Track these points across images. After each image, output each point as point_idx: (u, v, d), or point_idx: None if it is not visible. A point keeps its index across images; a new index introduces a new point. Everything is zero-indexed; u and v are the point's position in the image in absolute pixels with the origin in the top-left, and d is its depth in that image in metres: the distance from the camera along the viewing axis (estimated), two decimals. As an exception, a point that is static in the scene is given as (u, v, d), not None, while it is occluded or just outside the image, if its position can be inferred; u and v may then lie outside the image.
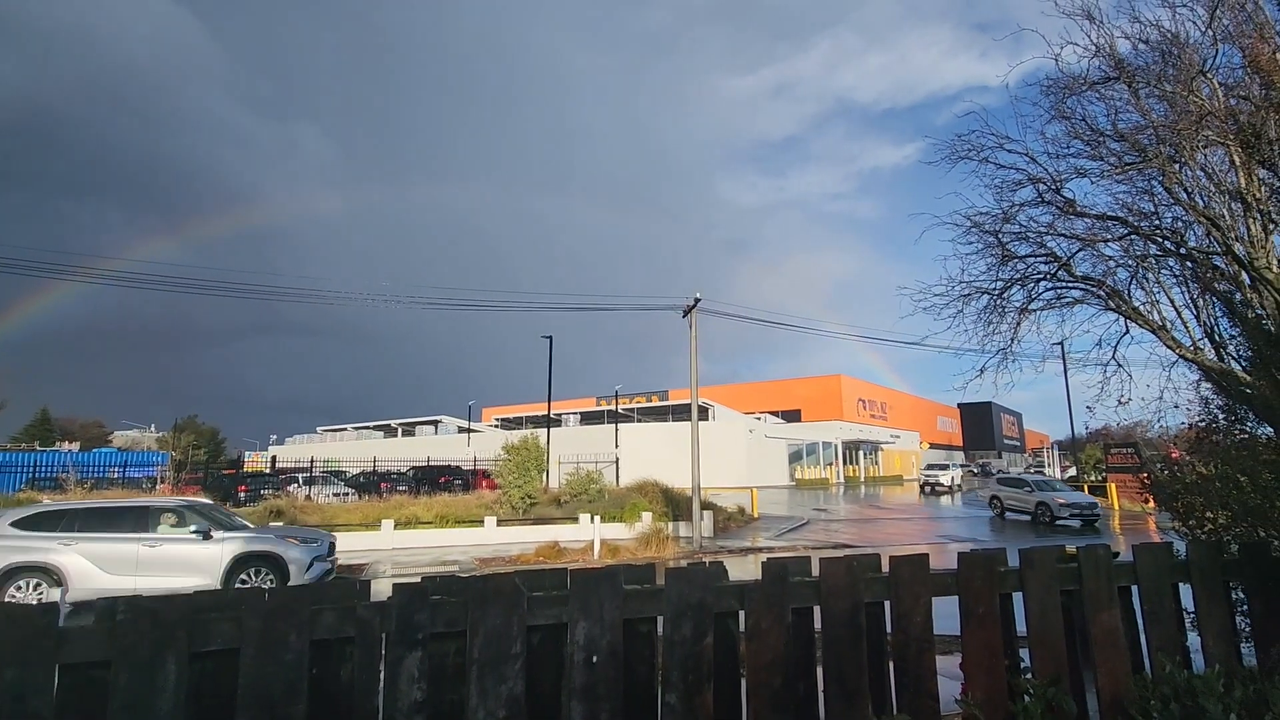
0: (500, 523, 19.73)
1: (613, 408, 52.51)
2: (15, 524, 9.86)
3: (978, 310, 6.74)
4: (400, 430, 68.14)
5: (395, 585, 2.47)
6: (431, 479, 30.12)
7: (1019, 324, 6.66)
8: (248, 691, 2.35)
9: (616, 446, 43.75)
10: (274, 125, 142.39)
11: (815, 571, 3.07)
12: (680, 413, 53.67)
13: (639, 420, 55.63)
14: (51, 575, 9.52)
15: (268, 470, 32.17)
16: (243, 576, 9.95)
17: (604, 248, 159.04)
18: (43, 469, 26.52)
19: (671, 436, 42.98)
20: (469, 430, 54.28)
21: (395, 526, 18.66)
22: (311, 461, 28.44)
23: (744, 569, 14.24)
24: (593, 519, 17.84)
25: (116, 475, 26.76)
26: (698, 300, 19.23)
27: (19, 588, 9.44)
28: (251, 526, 11.24)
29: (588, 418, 57.80)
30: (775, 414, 64.00)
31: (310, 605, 2.41)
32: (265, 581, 9.98)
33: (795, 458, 53.97)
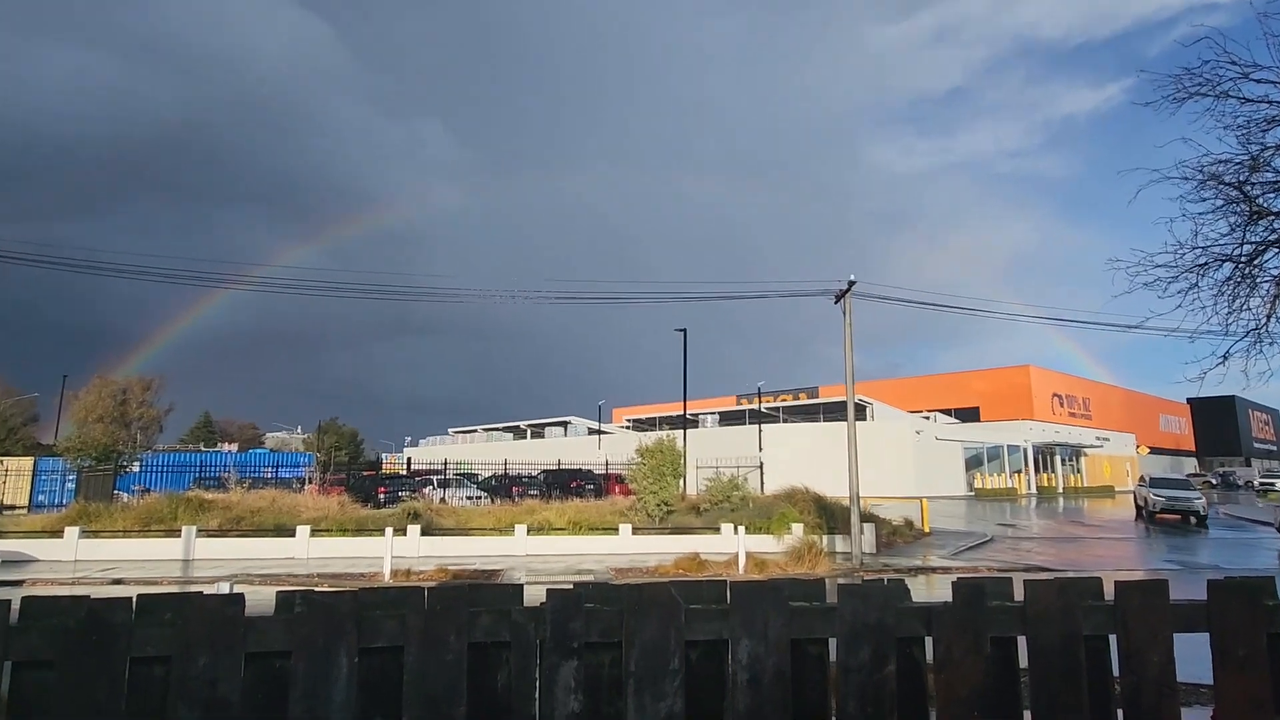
0: (635, 531, 20.23)
1: (755, 407, 52.08)
2: None
3: (1217, 282, 5.98)
4: (529, 431, 71.83)
5: (549, 591, 2.61)
6: (562, 483, 31.42)
7: (1277, 297, 5.81)
8: (412, 689, 2.59)
9: (760, 450, 43.38)
10: (399, 123, 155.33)
11: (1018, 595, 2.87)
12: (833, 411, 52.24)
13: (785, 420, 54.86)
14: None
15: (404, 472, 35.21)
16: None
17: (742, 229, 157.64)
18: (208, 469, 30.85)
19: (823, 438, 41.97)
20: (599, 432, 56.06)
21: (528, 532, 19.69)
22: (445, 463, 30.75)
23: (918, 590, 13.61)
24: (736, 529, 17.80)
25: (270, 475, 30.57)
26: (852, 283, 18.59)
27: None
28: None
29: (727, 418, 57.80)
30: (947, 412, 60.48)
31: (468, 608, 2.62)
32: None
33: (973, 463, 50.78)
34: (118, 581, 15.10)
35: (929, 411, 58.94)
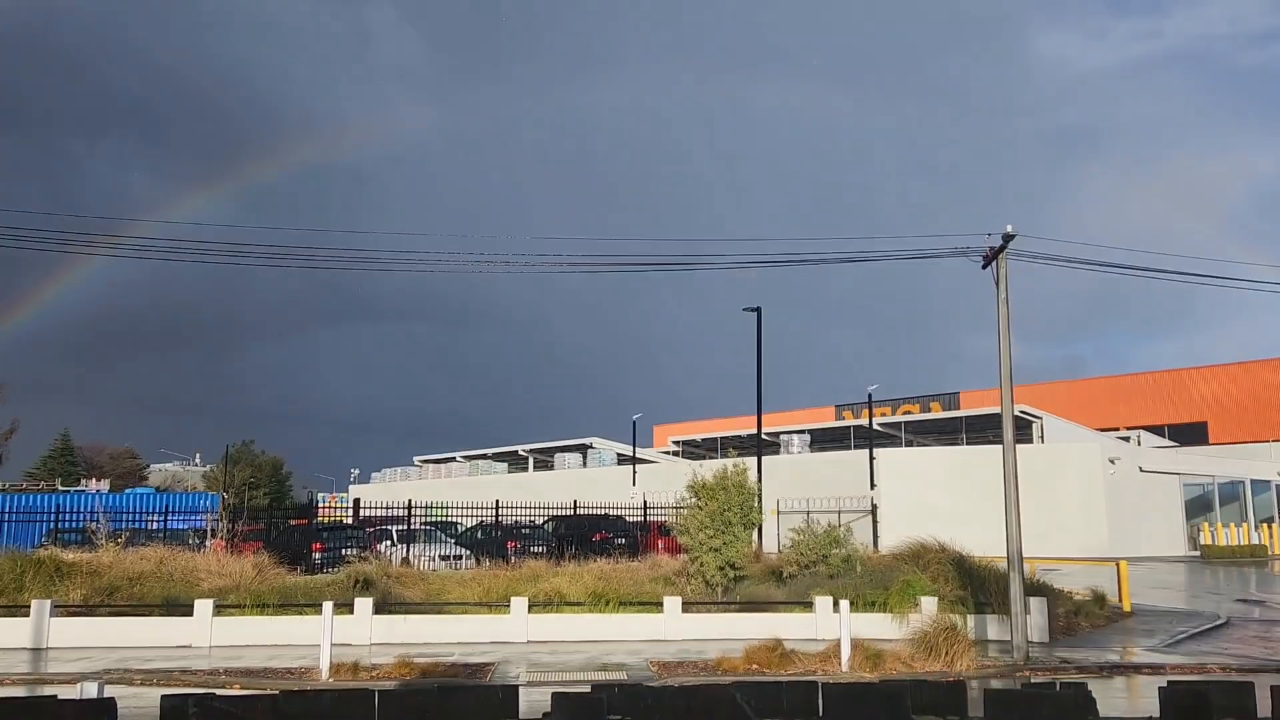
0: (687, 607, 20.21)
1: (863, 422, 51.73)
2: None
3: None
4: (532, 460, 72.46)
5: (557, 698, 2.64)
6: (581, 535, 31.57)
7: None
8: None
9: (872, 485, 43.19)
10: (338, 10, 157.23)
11: (1264, 708, 2.82)
12: (980, 428, 51.76)
13: (909, 441, 54.47)
14: None
15: (349, 521, 35.74)
16: None
17: (845, 163, 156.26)
18: (68, 516, 31.65)
19: (965, 469, 41.63)
20: (634, 460, 56.28)
21: (531, 609, 19.84)
22: (409, 507, 31.06)
23: (1112, 698, 13.43)
24: (836, 605, 17.71)
25: (157, 526, 31.31)
26: (1009, 238, 18.33)
27: None
28: None
29: (822, 438, 57.64)
30: (1157, 430, 59.45)
31: (437, 720, 2.66)
32: None
33: (1198, 508, 49.85)
34: (-55, 678, 15.56)
35: (1129, 429, 57.89)
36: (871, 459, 44.14)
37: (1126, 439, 52.84)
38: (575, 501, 35.19)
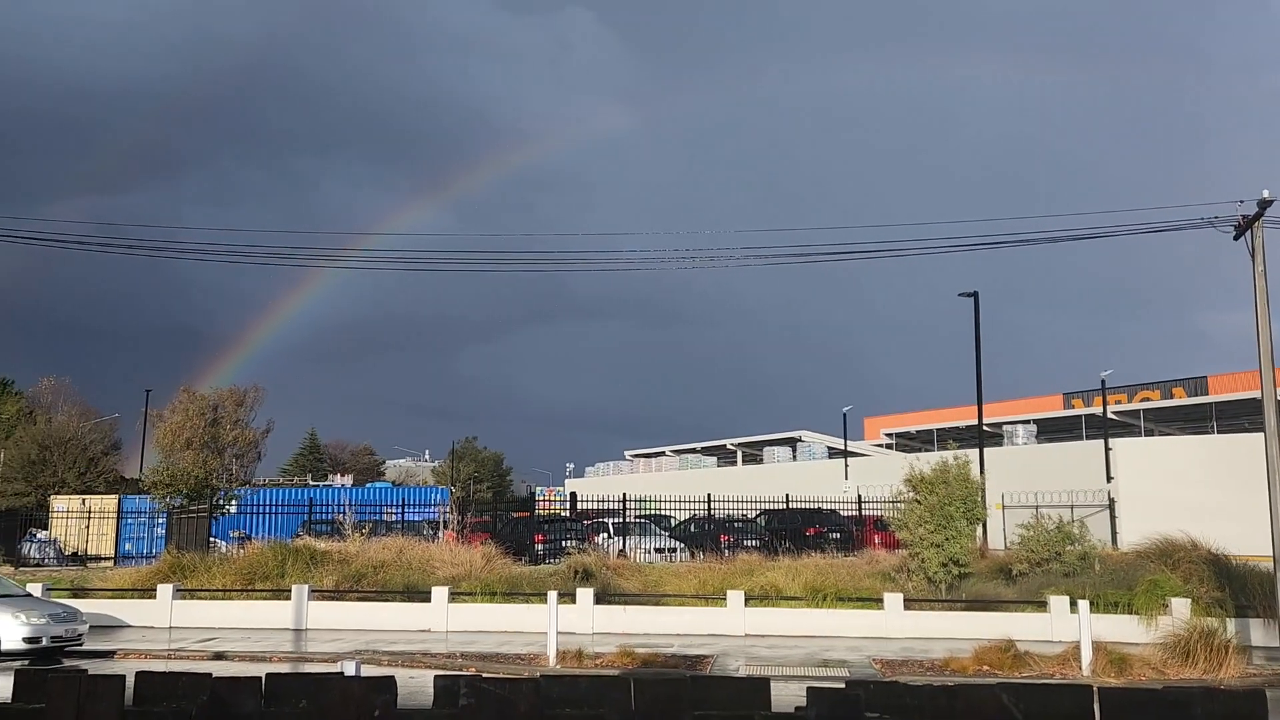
0: (909, 603, 19.92)
1: (1096, 410, 48.88)
2: None
3: None
4: (741, 454, 72.64)
5: (812, 691, 2.60)
6: (794, 529, 31.46)
7: None
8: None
9: (1109, 478, 40.64)
10: (534, 20, 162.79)
11: None
12: (1233, 414, 48.13)
13: (1149, 430, 51.16)
14: None
15: (567, 514, 37.07)
16: None
17: (1063, 134, 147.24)
18: (319, 509, 34.47)
19: (1214, 458, 38.60)
20: (846, 453, 55.48)
21: (746, 602, 19.97)
22: (622, 500, 31.88)
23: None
24: (1074, 605, 16.91)
25: (394, 517, 33.57)
26: (1266, 204, 17.03)
27: None
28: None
29: (1049, 428, 55.16)
30: None
31: (692, 710, 2.68)
32: None
33: None
34: (220, 656, 17.37)
35: None
36: (1107, 450, 41.63)
37: None
38: (786, 495, 35.05)
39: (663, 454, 78.05)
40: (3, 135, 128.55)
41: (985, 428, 37.91)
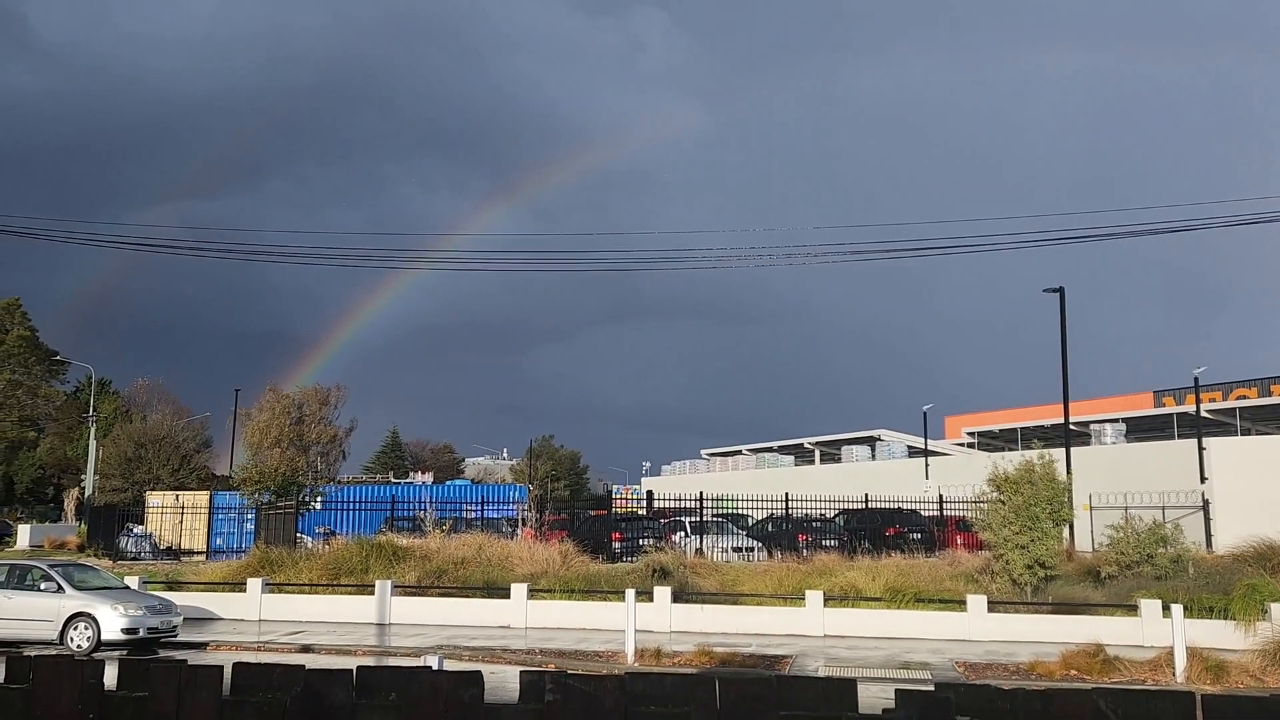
0: (993, 606, 19.53)
1: (1189, 409, 47.33)
2: None
3: None
4: (819, 453, 72.08)
5: (900, 693, 2.58)
6: (873, 529, 31.16)
7: None
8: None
9: (1203, 478, 39.37)
10: (607, 22, 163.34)
11: None
12: (1335, 414, 45.92)
13: (1246, 429, 49.39)
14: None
15: (644, 512, 37.20)
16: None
17: (1158, 127, 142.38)
18: (400, 506, 35.23)
19: (1320, 460, 37.09)
20: (926, 453, 54.69)
21: (825, 602, 19.79)
22: (699, 499, 31.93)
23: None
24: (1167, 609, 16.39)
25: (474, 515, 34.08)
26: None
27: None
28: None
29: (1139, 426, 53.73)
30: None
31: (778, 710, 2.67)
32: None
33: None
34: (307, 648, 17.88)
35: None
36: (1201, 449, 40.36)
37: None
38: (866, 495, 34.70)
39: (739, 453, 77.80)
40: (102, 145, 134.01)
41: (1072, 426, 37.02)
